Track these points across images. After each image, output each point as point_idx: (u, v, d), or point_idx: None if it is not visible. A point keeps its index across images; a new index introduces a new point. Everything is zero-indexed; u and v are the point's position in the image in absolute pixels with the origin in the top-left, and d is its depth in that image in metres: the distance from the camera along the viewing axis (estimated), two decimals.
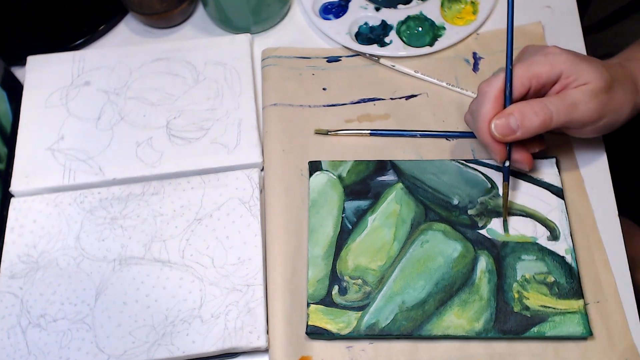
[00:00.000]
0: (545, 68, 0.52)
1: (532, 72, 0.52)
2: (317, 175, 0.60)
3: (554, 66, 0.52)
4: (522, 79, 0.52)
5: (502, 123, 0.52)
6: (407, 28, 0.69)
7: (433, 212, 0.57)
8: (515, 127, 0.52)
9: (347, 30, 0.69)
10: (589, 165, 0.60)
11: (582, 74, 0.52)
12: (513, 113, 0.52)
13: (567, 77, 0.52)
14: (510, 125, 0.52)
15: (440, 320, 0.53)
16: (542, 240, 0.56)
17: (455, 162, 0.60)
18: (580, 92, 0.52)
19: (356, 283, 0.55)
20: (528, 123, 0.52)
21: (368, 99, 0.65)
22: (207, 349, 0.53)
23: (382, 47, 0.67)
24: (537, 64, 0.52)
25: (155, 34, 0.73)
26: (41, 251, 0.58)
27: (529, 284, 0.54)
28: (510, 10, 0.53)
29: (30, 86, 0.67)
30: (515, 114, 0.52)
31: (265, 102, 0.65)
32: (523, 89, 0.53)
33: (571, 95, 0.52)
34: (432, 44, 0.67)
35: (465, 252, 0.55)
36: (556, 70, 0.52)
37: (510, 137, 0.53)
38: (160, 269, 0.57)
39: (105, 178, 0.61)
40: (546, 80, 0.53)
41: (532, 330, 0.52)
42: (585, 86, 0.52)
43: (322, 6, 0.71)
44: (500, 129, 0.52)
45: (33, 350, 0.54)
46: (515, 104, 0.53)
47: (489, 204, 0.57)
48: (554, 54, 0.53)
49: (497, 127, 0.52)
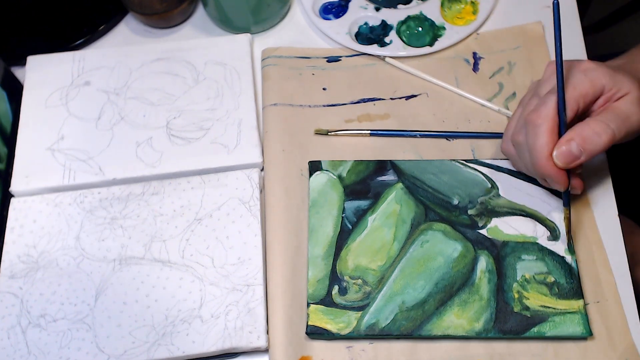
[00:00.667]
0: (588, 86, 0.51)
1: (579, 94, 0.51)
2: (317, 175, 0.60)
3: (596, 83, 0.51)
4: (571, 103, 0.51)
5: (564, 152, 0.51)
6: (407, 28, 0.69)
7: (433, 212, 0.57)
8: (578, 152, 0.50)
9: (347, 30, 0.69)
10: (589, 165, 0.60)
11: (622, 85, 0.51)
12: (574, 139, 0.50)
13: (609, 91, 0.51)
14: (573, 152, 0.50)
15: (440, 320, 0.53)
16: (542, 240, 0.56)
17: (455, 162, 0.60)
18: (628, 104, 0.51)
19: (356, 283, 0.55)
20: (591, 146, 0.50)
21: (368, 99, 0.65)
22: (207, 349, 0.53)
23: (382, 47, 0.67)
24: (580, 84, 0.51)
25: (155, 34, 0.73)
26: (41, 251, 0.58)
27: (529, 284, 0.54)
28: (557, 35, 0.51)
29: (30, 86, 0.67)
30: (576, 140, 0.50)
31: (265, 102, 0.65)
32: (572, 113, 0.52)
33: (621, 108, 0.51)
34: (432, 44, 0.67)
35: (465, 252, 0.55)
36: (599, 86, 0.51)
37: (574, 164, 0.51)
38: (160, 269, 0.57)
39: (105, 178, 0.61)
40: (592, 98, 0.52)
41: (532, 331, 0.52)
42: (629, 96, 0.51)
43: (322, 6, 0.71)
44: (563, 158, 0.51)
45: (33, 350, 0.54)
46: (573, 129, 0.51)
47: (488, 204, 0.57)
48: (591, 70, 0.52)
49: (560, 156, 0.51)
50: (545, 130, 0.51)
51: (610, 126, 0.51)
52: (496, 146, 0.62)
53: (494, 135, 0.62)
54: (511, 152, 0.56)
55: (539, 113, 0.52)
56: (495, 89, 0.65)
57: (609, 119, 0.51)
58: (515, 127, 0.55)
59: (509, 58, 0.66)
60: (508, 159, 0.58)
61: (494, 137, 0.62)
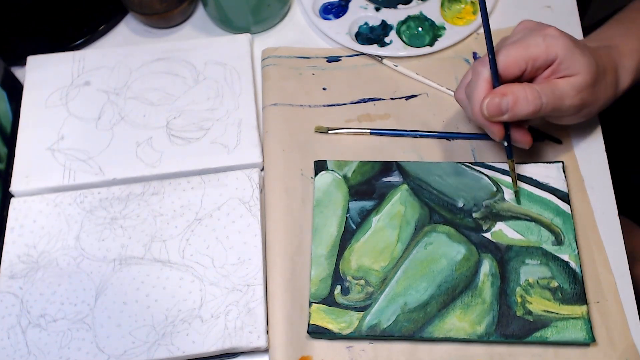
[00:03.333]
0: (541, 51, 0.52)
1: (529, 55, 0.52)
2: (322, 175, 0.60)
3: (550, 51, 0.52)
4: (519, 60, 0.52)
5: (494, 103, 0.51)
6: (407, 28, 0.69)
7: (437, 214, 0.57)
8: (505, 109, 0.51)
9: (347, 30, 0.69)
10: (589, 165, 0.60)
11: (574, 63, 0.52)
12: (507, 94, 0.51)
13: (559, 64, 0.52)
14: (501, 107, 0.51)
15: (442, 323, 0.53)
16: (547, 245, 0.55)
17: (460, 164, 0.59)
18: (568, 85, 0.52)
19: (359, 283, 0.55)
20: (518, 109, 0.51)
21: (368, 99, 0.65)
22: (207, 349, 0.53)
23: (382, 47, 0.67)
24: (534, 46, 0.52)
25: (155, 34, 0.73)
26: (41, 251, 0.58)
27: (533, 289, 0.53)
28: None
29: (30, 86, 0.67)
30: (509, 96, 0.51)
31: (266, 102, 0.65)
32: (519, 71, 0.52)
33: (560, 87, 0.52)
34: (432, 44, 0.67)
35: (469, 255, 0.55)
36: (552, 54, 0.52)
37: (497, 119, 0.52)
38: (160, 269, 0.57)
39: (105, 178, 0.61)
40: (542, 64, 0.52)
41: (535, 335, 0.52)
42: (574, 78, 0.52)
43: (322, 6, 0.71)
44: (491, 109, 0.52)
45: (33, 350, 0.54)
46: (511, 86, 0.52)
47: (493, 208, 0.57)
48: (552, 36, 0.52)
49: (488, 105, 0.52)
50: (484, 78, 0.52)
51: (542, 99, 0.51)
52: (497, 148, 0.61)
53: None
54: (462, 99, 0.56)
55: (483, 61, 0.53)
56: None
57: (544, 92, 0.51)
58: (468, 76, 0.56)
59: None
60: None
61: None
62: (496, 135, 0.54)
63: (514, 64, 0.52)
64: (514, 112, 0.51)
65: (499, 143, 0.61)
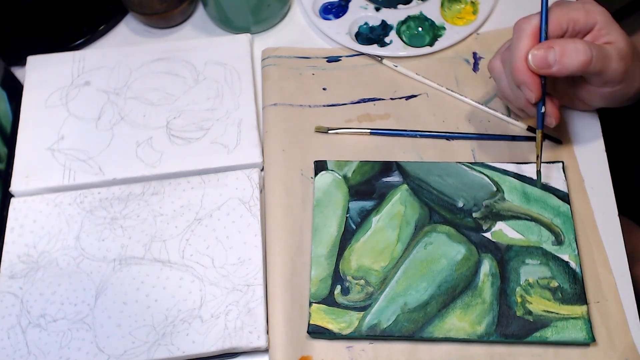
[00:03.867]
0: (582, 15, 0.52)
1: (571, 16, 0.52)
2: (322, 175, 0.60)
3: (591, 15, 0.52)
4: (561, 20, 0.52)
5: (541, 54, 0.51)
6: (407, 28, 0.69)
7: (437, 214, 0.57)
8: (553, 61, 0.51)
9: (347, 30, 0.69)
10: (589, 165, 0.60)
11: (613, 31, 0.52)
12: (553, 46, 0.51)
13: (599, 30, 0.52)
14: (548, 59, 0.51)
15: (442, 323, 0.53)
16: (547, 244, 0.55)
17: (461, 164, 0.59)
18: (613, 49, 0.52)
19: (359, 283, 0.55)
20: (567, 60, 0.51)
21: (368, 99, 0.65)
22: (207, 349, 0.53)
23: (382, 47, 0.67)
24: (575, 9, 0.52)
25: (155, 34, 0.73)
26: (41, 251, 0.58)
27: (533, 289, 0.53)
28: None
29: (30, 86, 0.67)
30: (555, 48, 0.51)
31: (266, 102, 0.65)
32: (560, 31, 0.52)
33: (606, 48, 0.52)
34: (432, 44, 0.67)
35: (469, 254, 0.55)
36: (592, 19, 0.52)
37: (544, 71, 0.51)
38: (160, 269, 0.57)
39: (105, 178, 0.61)
40: (582, 27, 0.53)
41: (535, 335, 0.52)
42: (615, 44, 0.52)
43: (322, 6, 0.71)
44: (538, 60, 0.51)
45: (33, 350, 0.54)
46: (557, 39, 0.52)
47: (493, 207, 0.57)
48: (590, 3, 0.53)
49: (535, 57, 0.51)
50: (528, 33, 0.52)
51: (592, 51, 0.51)
52: (497, 148, 0.61)
53: (494, 137, 0.62)
54: (497, 68, 0.56)
55: (528, 19, 0.53)
56: (495, 88, 0.65)
57: (593, 46, 0.51)
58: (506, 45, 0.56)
59: None
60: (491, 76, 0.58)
61: (494, 139, 0.62)
62: (534, 93, 0.52)
63: (556, 24, 0.52)
64: (563, 63, 0.51)
65: (499, 144, 0.61)
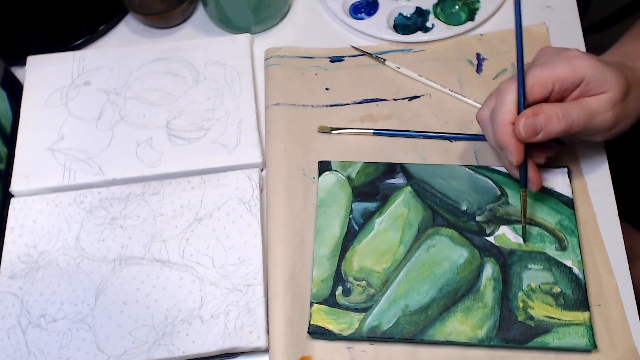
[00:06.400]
0: (568, 72, 0.51)
1: (556, 76, 0.51)
2: (326, 175, 0.60)
3: (577, 71, 0.51)
4: (545, 82, 0.51)
5: (530, 123, 0.51)
6: (443, 9, 0.70)
7: (441, 217, 0.57)
8: (539, 128, 0.51)
9: (386, 24, 0.69)
10: (592, 168, 0.60)
11: (603, 82, 0.51)
12: (538, 113, 0.51)
13: (587, 84, 0.51)
14: (536, 126, 0.51)
15: (443, 326, 0.52)
16: (550, 250, 0.55)
17: (465, 167, 0.59)
18: (598, 102, 0.51)
19: (360, 284, 0.55)
20: (551, 127, 0.51)
21: (371, 99, 0.65)
22: (207, 349, 0.53)
23: (426, 33, 0.68)
24: (560, 67, 0.51)
25: (155, 34, 0.73)
26: (41, 251, 0.58)
27: (535, 294, 0.53)
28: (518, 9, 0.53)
29: (30, 86, 0.67)
30: (541, 115, 0.51)
31: (268, 102, 0.65)
32: (545, 92, 0.52)
33: (590, 104, 0.51)
34: (473, 18, 0.68)
35: (471, 258, 0.55)
36: (579, 75, 0.51)
37: (533, 139, 0.51)
38: (160, 269, 0.57)
39: (105, 178, 0.61)
40: (569, 85, 0.52)
41: (536, 340, 0.51)
42: (604, 95, 0.51)
43: (351, 6, 0.71)
44: (528, 129, 0.51)
45: (33, 350, 0.54)
46: (540, 105, 0.51)
47: (497, 211, 0.57)
48: (576, 57, 0.52)
49: (525, 125, 0.51)
50: (511, 99, 0.52)
51: (572, 116, 0.51)
52: None
53: None
54: (484, 119, 0.55)
55: (510, 82, 0.53)
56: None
57: (574, 109, 0.51)
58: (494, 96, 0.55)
59: (512, 59, 0.66)
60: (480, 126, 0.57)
61: None
62: (515, 157, 0.52)
63: (541, 85, 0.51)
64: (547, 130, 0.51)
65: None
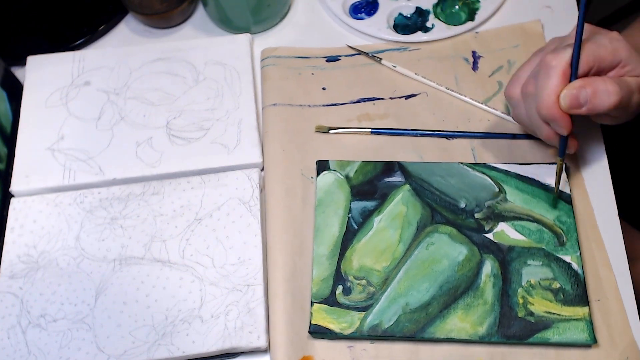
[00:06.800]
0: (609, 52, 0.52)
1: (598, 55, 0.52)
2: (324, 175, 0.60)
3: (617, 53, 0.52)
4: (588, 59, 0.52)
5: (573, 95, 0.51)
6: (443, 9, 0.70)
7: (439, 215, 0.57)
8: (584, 101, 0.51)
9: (386, 24, 0.69)
10: (589, 165, 0.60)
11: (636, 64, 0.52)
12: (585, 87, 0.51)
13: (624, 66, 0.52)
14: (580, 99, 0.51)
15: (443, 323, 0.53)
16: (549, 246, 0.55)
17: (463, 165, 0.59)
18: (635, 82, 0.52)
19: (360, 283, 0.55)
20: (598, 101, 0.51)
21: (367, 98, 0.65)
22: (207, 349, 0.53)
23: (426, 33, 0.68)
24: (602, 47, 0.52)
25: (155, 34, 0.73)
26: (41, 251, 0.58)
27: (534, 290, 0.53)
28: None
29: (30, 86, 0.67)
30: (587, 88, 0.51)
31: (265, 102, 0.65)
32: (587, 68, 0.52)
33: (631, 83, 0.52)
34: (473, 18, 0.68)
35: (470, 255, 0.55)
36: (618, 57, 0.52)
37: (574, 111, 0.51)
38: (160, 269, 0.57)
39: (105, 178, 0.61)
40: (608, 65, 0.52)
41: (536, 336, 0.51)
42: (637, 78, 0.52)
43: (351, 6, 0.71)
44: (569, 100, 0.51)
45: (33, 350, 0.54)
46: (588, 79, 0.52)
47: (496, 208, 0.57)
48: (617, 40, 0.53)
49: (567, 97, 0.51)
50: (559, 72, 0.51)
51: (621, 92, 0.51)
52: (497, 146, 0.61)
53: (495, 136, 0.62)
54: (516, 97, 0.55)
55: (557, 55, 0.52)
56: (494, 87, 0.65)
57: (622, 85, 0.51)
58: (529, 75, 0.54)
59: (508, 57, 0.66)
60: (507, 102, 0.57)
61: (494, 138, 0.62)
62: (565, 128, 0.52)
63: (584, 62, 0.52)
64: (593, 104, 0.51)
65: (499, 142, 0.61)
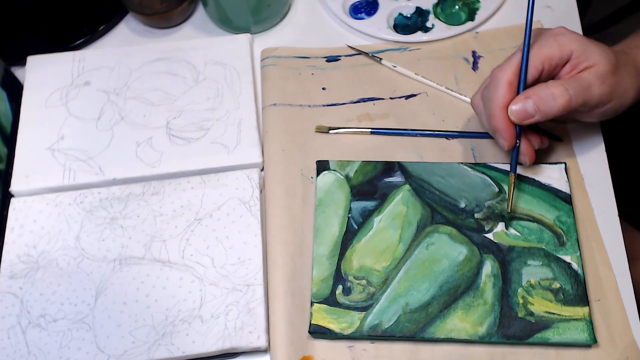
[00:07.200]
0: (555, 49, 0.52)
1: (544, 55, 0.52)
2: (324, 175, 0.60)
3: (564, 47, 0.52)
4: (535, 62, 0.53)
5: (519, 108, 0.52)
6: (443, 9, 0.70)
7: (439, 215, 0.57)
8: (533, 111, 0.52)
9: (386, 24, 0.69)
10: (589, 165, 0.60)
11: (591, 54, 0.52)
12: (531, 97, 0.52)
13: (576, 58, 0.52)
14: (528, 110, 0.52)
15: (443, 324, 0.53)
16: (549, 246, 0.55)
17: (463, 165, 0.59)
18: (591, 75, 0.52)
19: (360, 283, 0.55)
20: (546, 107, 0.52)
21: (367, 98, 0.65)
22: (207, 349, 0.53)
23: (426, 33, 0.68)
24: (547, 46, 0.53)
25: (155, 34, 0.73)
26: (41, 251, 0.58)
27: (534, 290, 0.53)
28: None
29: (30, 86, 0.67)
30: (532, 98, 0.52)
31: (265, 102, 0.65)
32: (536, 72, 0.53)
33: (585, 77, 0.52)
34: (473, 18, 0.68)
35: (470, 255, 0.55)
36: (566, 51, 0.52)
37: (528, 121, 0.53)
38: (160, 269, 0.57)
39: (105, 178, 0.61)
40: (558, 62, 0.53)
41: (536, 336, 0.51)
42: (594, 68, 0.52)
43: (351, 6, 0.71)
44: (518, 114, 0.52)
45: (33, 350, 0.54)
46: (532, 88, 0.52)
47: (496, 208, 0.57)
48: (562, 34, 0.53)
49: (515, 112, 0.52)
50: (504, 83, 0.53)
51: (569, 91, 0.51)
52: (497, 146, 0.61)
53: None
54: (478, 105, 0.57)
55: (502, 67, 0.54)
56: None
57: (569, 85, 0.52)
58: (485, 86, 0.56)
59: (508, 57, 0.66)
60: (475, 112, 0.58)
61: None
62: (507, 141, 0.54)
63: (531, 67, 0.53)
64: (543, 110, 0.52)
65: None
